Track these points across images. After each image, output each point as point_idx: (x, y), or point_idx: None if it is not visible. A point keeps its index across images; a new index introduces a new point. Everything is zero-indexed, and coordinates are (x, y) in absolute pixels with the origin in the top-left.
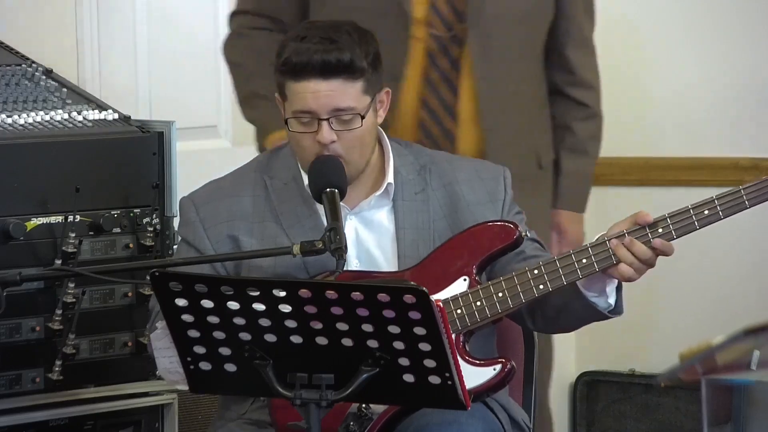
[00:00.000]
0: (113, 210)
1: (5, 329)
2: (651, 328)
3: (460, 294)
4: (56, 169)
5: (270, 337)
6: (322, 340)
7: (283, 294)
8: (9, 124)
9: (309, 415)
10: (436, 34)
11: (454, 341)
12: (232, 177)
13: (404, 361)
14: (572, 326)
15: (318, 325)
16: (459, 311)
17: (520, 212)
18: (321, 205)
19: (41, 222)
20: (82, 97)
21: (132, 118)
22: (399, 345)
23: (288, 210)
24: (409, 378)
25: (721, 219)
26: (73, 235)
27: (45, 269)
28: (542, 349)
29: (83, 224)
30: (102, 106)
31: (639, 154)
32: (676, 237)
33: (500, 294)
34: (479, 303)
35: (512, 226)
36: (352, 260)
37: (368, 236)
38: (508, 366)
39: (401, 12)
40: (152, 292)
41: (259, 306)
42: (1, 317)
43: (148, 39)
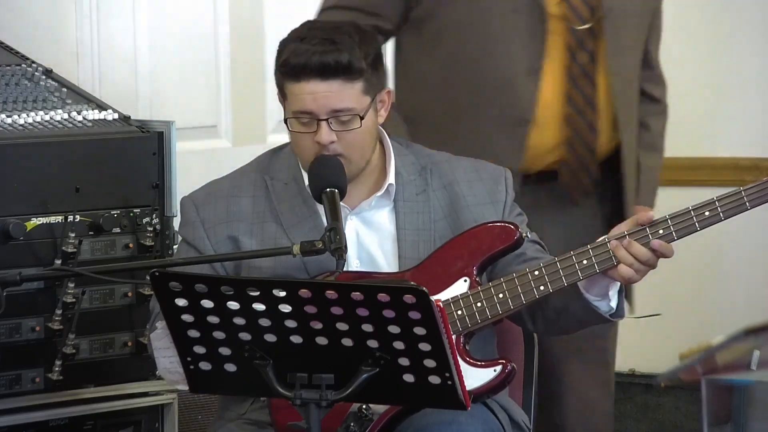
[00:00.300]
0: (113, 210)
1: (5, 329)
2: (651, 328)
3: (461, 295)
4: (56, 169)
5: (270, 337)
6: (322, 340)
7: (283, 294)
8: (9, 124)
9: (309, 415)
10: (574, 28)
11: (455, 342)
12: (233, 177)
13: (404, 361)
14: (573, 329)
15: (318, 325)
16: (459, 312)
17: (522, 214)
18: (321, 205)
19: (41, 222)
20: (82, 97)
21: (132, 118)
22: (399, 345)
23: (288, 210)
24: (409, 378)
25: (722, 220)
26: (73, 235)
27: (45, 269)
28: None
29: (83, 224)
30: (102, 106)
31: None
32: (677, 238)
33: (501, 295)
34: (480, 304)
35: (513, 227)
36: (353, 261)
37: (369, 237)
38: (509, 367)
39: (535, 6)
40: (152, 292)
41: (259, 306)
42: (1, 317)
43: (148, 39)
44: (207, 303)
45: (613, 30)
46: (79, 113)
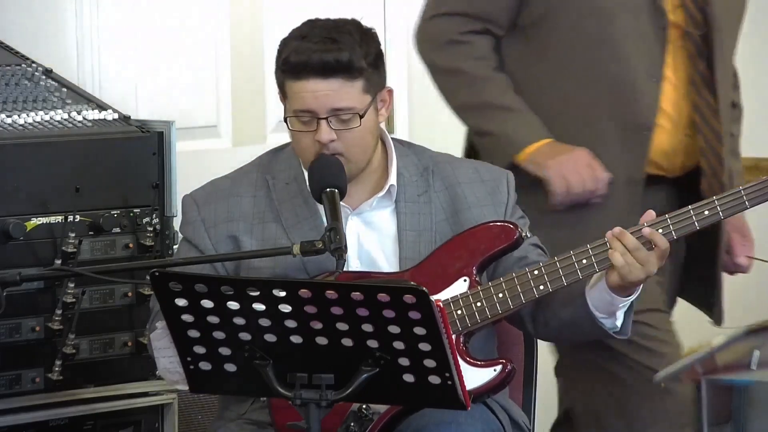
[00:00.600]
0: (113, 210)
1: (5, 329)
2: None
3: (461, 295)
4: (56, 169)
5: (270, 337)
6: (322, 340)
7: (283, 294)
8: (9, 124)
9: (309, 415)
10: (691, 35)
11: (455, 342)
12: (234, 176)
13: (404, 361)
14: (574, 340)
15: (318, 325)
16: (459, 312)
17: (524, 216)
18: (322, 205)
19: (41, 222)
20: (82, 97)
21: (132, 118)
22: (399, 345)
23: (289, 210)
24: (409, 378)
25: (721, 219)
26: (73, 235)
27: (45, 269)
28: None
29: (83, 224)
30: (102, 106)
31: None
32: (676, 237)
33: (500, 295)
34: (479, 304)
35: (512, 227)
36: (353, 261)
37: (370, 237)
38: (509, 367)
39: (656, 11)
40: (152, 292)
41: (259, 306)
42: (1, 317)
43: (148, 39)
44: (207, 303)
45: (720, 38)
46: (79, 113)
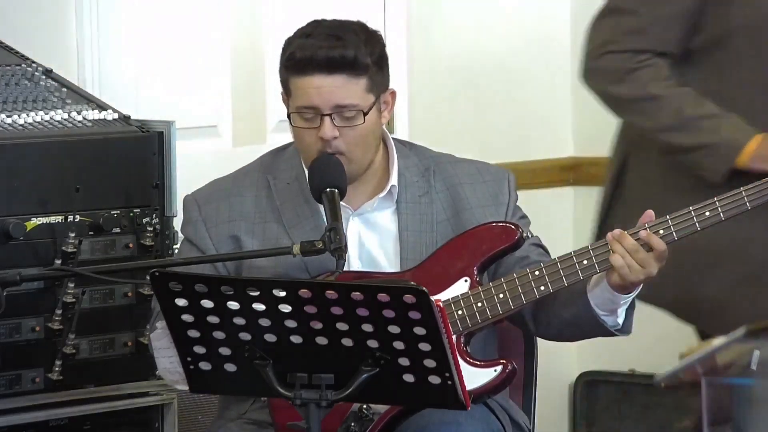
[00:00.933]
0: (113, 210)
1: (5, 329)
2: (651, 328)
3: (461, 295)
4: (56, 169)
5: (270, 337)
6: (322, 340)
7: (283, 294)
8: (9, 124)
9: (309, 415)
10: None
11: (455, 342)
12: (236, 176)
13: (404, 361)
14: (576, 338)
15: (318, 325)
16: (460, 312)
17: (525, 216)
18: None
19: (41, 222)
20: (82, 97)
21: (132, 118)
22: (399, 345)
23: (290, 209)
24: (409, 378)
25: (723, 220)
26: (73, 235)
27: (45, 269)
28: None
29: (83, 224)
30: (102, 106)
31: None
32: (677, 238)
33: (501, 295)
34: (480, 304)
35: (513, 228)
36: (354, 261)
37: (371, 238)
38: (509, 367)
39: None
40: (153, 292)
41: (259, 306)
42: (1, 317)
43: (148, 39)
44: (207, 303)
45: None
46: (79, 113)
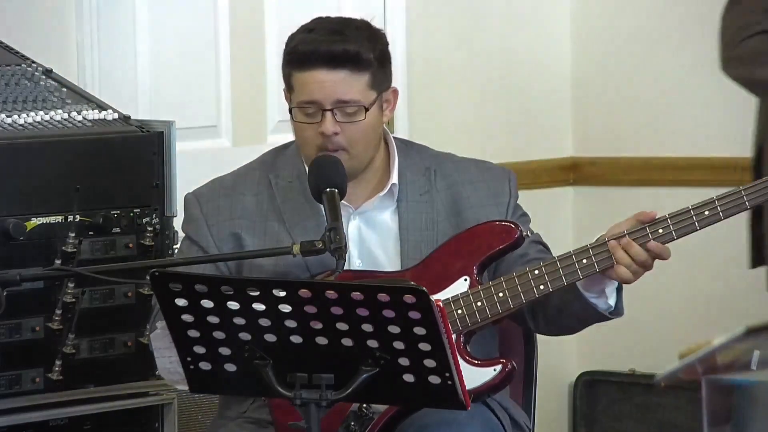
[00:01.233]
0: (113, 210)
1: (5, 329)
2: (651, 328)
3: (461, 294)
4: (56, 169)
5: (270, 337)
6: (322, 340)
7: (283, 294)
8: (9, 124)
9: (309, 415)
10: None
11: (455, 341)
12: (237, 174)
13: (404, 361)
14: (573, 328)
15: (318, 325)
16: (459, 311)
17: (526, 215)
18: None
19: (41, 222)
20: (82, 97)
21: (132, 118)
22: (399, 345)
23: (291, 208)
24: (409, 378)
25: (722, 219)
26: (73, 235)
27: (45, 269)
28: None
29: (83, 224)
30: (102, 106)
31: (639, 154)
32: (677, 237)
33: (501, 294)
34: (480, 303)
35: (513, 226)
36: (355, 260)
37: (371, 237)
38: (509, 366)
39: None
40: (153, 292)
41: (259, 306)
42: (1, 317)
43: (148, 39)
44: (207, 303)
45: None
46: (79, 113)
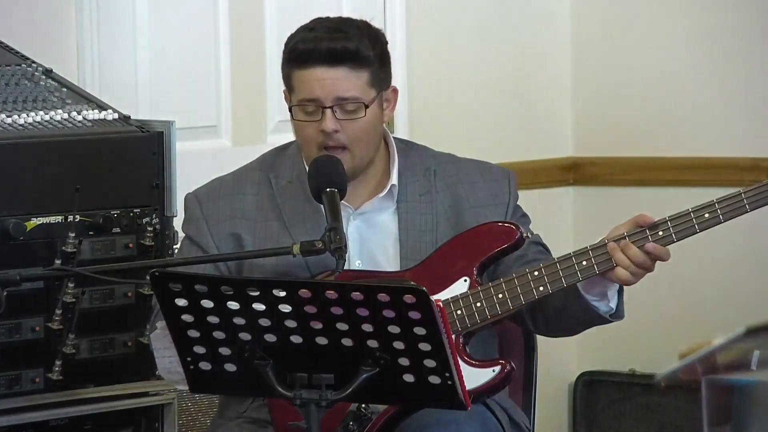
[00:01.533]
0: (113, 210)
1: (5, 329)
2: (651, 328)
3: (461, 295)
4: (56, 169)
5: (270, 337)
6: (322, 340)
7: (283, 294)
8: (9, 124)
9: (309, 415)
10: None
11: (454, 342)
12: (237, 174)
13: (404, 361)
14: (573, 330)
15: (318, 325)
16: (459, 312)
17: (526, 215)
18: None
19: (41, 222)
20: (82, 97)
21: (132, 118)
22: (399, 345)
23: (291, 208)
24: (409, 378)
25: (722, 222)
26: (73, 235)
27: (45, 269)
28: None
29: (83, 224)
30: (102, 106)
31: (639, 154)
32: (677, 240)
33: (500, 295)
34: (479, 304)
35: (513, 227)
36: (355, 261)
37: (371, 237)
38: (508, 367)
39: None
40: (153, 292)
41: (259, 306)
42: (1, 317)
43: (148, 39)
44: (207, 303)
45: None
46: (79, 113)
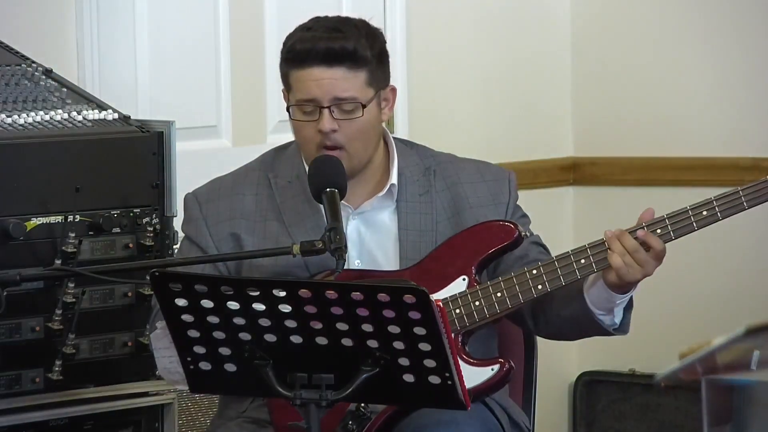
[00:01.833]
0: (113, 210)
1: (5, 329)
2: (651, 328)
3: (459, 294)
4: (56, 169)
5: (270, 337)
6: (322, 340)
7: (283, 294)
8: (9, 124)
9: (309, 415)
10: None
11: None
12: (237, 174)
13: (404, 361)
14: (574, 337)
15: (318, 325)
16: (458, 311)
17: (525, 215)
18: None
19: (41, 222)
20: (82, 97)
21: (132, 118)
22: (399, 345)
23: (291, 208)
24: (409, 378)
25: (720, 220)
26: (73, 235)
27: (45, 269)
28: None
29: (83, 224)
30: (102, 106)
31: (639, 154)
32: (675, 238)
33: (499, 294)
34: (478, 303)
35: (512, 226)
36: (354, 261)
37: (371, 237)
38: (507, 366)
39: None
40: (153, 292)
41: (259, 306)
42: (1, 317)
43: (148, 39)
44: (207, 303)
45: None
46: (79, 113)
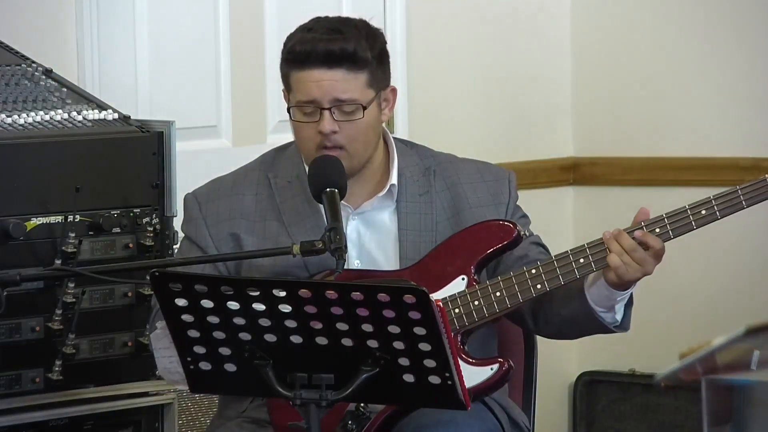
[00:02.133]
0: (113, 210)
1: (5, 329)
2: (651, 328)
3: (458, 293)
4: (56, 169)
5: (270, 337)
6: (322, 340)
7: (283, 294)
8: (9, 124)
9: (309, 415)
10: None
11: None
12: (237, 174)
13: (404, 361)
14: (575, 336)
15: (318, 325)
16: (457, 311)
17: (525, 216)
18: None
19: (41, 222)
20: (82, 97)
21: (132, 118)
22: (399, 345)
23: (291, 208)
24: (409, 378)
25: (719, 219)
26: (73, 235)
27: (45, 269)
28: None
29: (83, 224)
30: (102, 106)
31: (639, 154)
32: (674, 237)
33: (498, 293)
34: (477, 302)
35: (511, 226)
36: (354, 261)
37: (370, 237)
38: (506, 365)
39: None
40: (152, 292)
41: (259, 306)
42: (1, 317)
43: (148, 39)
44: (207, 303)
45: None
46: (79, 113)
